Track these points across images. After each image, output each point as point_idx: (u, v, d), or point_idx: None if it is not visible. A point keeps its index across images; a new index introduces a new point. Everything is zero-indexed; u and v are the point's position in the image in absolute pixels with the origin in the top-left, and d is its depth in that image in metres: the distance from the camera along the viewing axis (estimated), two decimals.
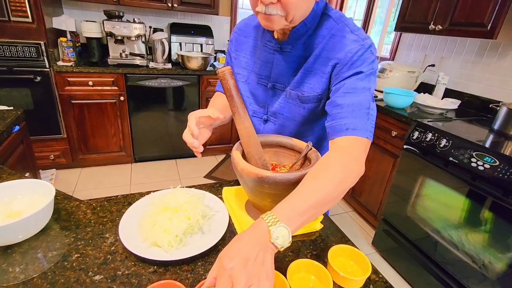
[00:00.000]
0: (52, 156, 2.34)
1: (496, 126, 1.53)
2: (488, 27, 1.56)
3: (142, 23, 2.38)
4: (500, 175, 1.19)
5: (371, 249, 1.93)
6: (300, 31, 0.67)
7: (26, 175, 1.33)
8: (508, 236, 1.19)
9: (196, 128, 0.65)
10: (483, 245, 1.28)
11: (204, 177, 2.60)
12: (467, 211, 1.34)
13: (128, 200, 0.74)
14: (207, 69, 2.56)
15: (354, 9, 3.19)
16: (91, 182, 2.35)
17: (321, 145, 0.84)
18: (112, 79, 2.29)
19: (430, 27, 1.86)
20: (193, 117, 0.67)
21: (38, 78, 2.08)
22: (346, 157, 0.56)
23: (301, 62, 0.70)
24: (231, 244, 0.44)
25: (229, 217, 0.70)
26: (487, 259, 1.27)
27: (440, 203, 1.47)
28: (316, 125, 0.79)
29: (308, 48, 0.69)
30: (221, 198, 0.78)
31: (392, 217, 1.75)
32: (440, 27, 1.80)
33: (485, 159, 1.25)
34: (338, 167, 0.54)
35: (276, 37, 0.72)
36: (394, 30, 2.19)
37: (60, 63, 2.15)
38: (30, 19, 1.95)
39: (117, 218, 0.67)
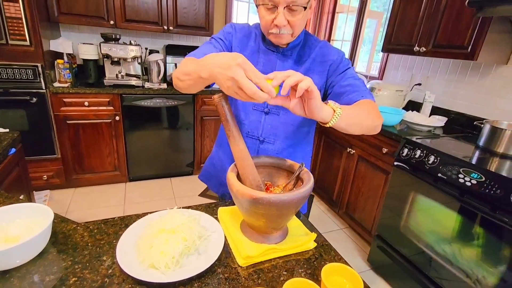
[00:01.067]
0: (45, 176, 2.32)
1: (481, 142, 1.59)
2: (469, 49, 1.65)
3: (138, 45, 2.45)
4: (487, 190, 1.23)
5: (366, 266, 1.93)
6: (295, 43, 0.88)
7: (20, 197, 1.32)
8: (498, 251, 1.22)
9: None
10: (475, 260, 1.30)
11: (199, 195, 2.60)
12: (458, 227, 1.37)
13: (125, 222, 0.75)
14: None
15: (344, 30, 3.33)
16: (85, 202, 2.33)
17: (302, 131, 0.96)
18: (108, 100, 2.32)
19: (414, 48, 1.96)
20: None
21: (34, 99, 2.10)
22: (373, 108, 0.78)
23: (297, 64, 0.89)
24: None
25: (225, 237, 0.71)
26: (480, 274, 1.28)
27: (432, 219, 1.50)
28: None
29: (301, 56, 0.90)
30: (216, 218, 0.79)
31: (386, 233, 1.77)
32: (424, 49, 1.90)
33: (471, 175, 1.30)
34: (371, 113, 0.76)
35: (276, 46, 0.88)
36: (381, 51, 2.29)
37: (56, 84, 2.18)
38: (28, 42, 1.99)
39: (114, 241, 0.68)
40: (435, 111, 2.15)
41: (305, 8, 0.75)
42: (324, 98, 0.90)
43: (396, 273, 1.70)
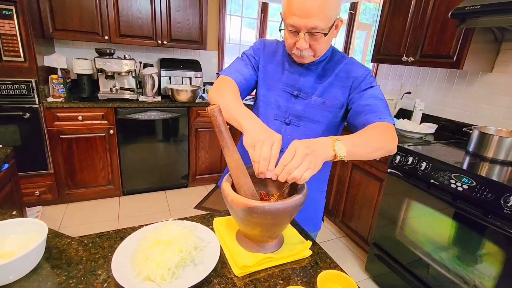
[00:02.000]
0: (37, 192, 2.28)
1: (471, 148, 1.63)
2: (454, 59, 1.71)
3: (132, 59, 2.48)
4: (478, 195, 1.25)
5: (364, 275, 1.92)
6: (320, 59, 0.90)
7: (13, 213, 1.30)
8: (492, 255, 1.23)
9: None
10: (471, 265, 1.31)
11: (194, 207, 2.58)
12: (453, 232, 1.38)
13: (120, 235, 0.75)
14: (196, 101, 2.65)
15: (334, 40, 3.42)
16: (78, 218, 2.29)
17: None
18: (102, 113, 2.32)
19: (403, 58, 2.02)
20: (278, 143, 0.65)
21: (27, 115, 2.09)
22: (390, 131, 0.77)
23: (321, 78, 0.91)
24: (303, 141, 0.61)
25: (221, 247, 0.71)
26: (477, 280, 1.29)
27: (426, 225, 1.51)
28: (336, 131, 0.96)
29: (325, 71, 0.92)
30: (212, 229, 0.79)
31: (383, 241, 1.77)
32: (412, 58, 1.96)
33: (463, 180, 1.32)
34: (386, 132, 0.76)
35: None
36: (371, 62, 2.35)
37: (50, 99, 2.19)
38: (22, 58, 2.00)
39: (109, 254, 0.67)
40: (426, 118, 2.20)
41: (325, 34, 0.77)
42: (346, 112, 0.91)
43: (394, 282, 1.70)
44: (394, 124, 0.81)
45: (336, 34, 0.85)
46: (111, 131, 2.38)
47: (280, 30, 0.83)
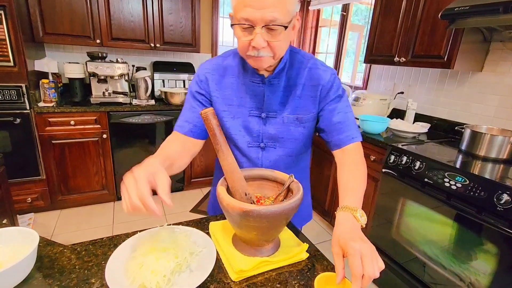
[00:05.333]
0: (29, 199, 2.24)
1: (463, 147, 1.64)
2: (445, 59, 1.73)
3: (125, 62, 2.46)
4: (471, 193, 1.27)
5: None
6: (280, 67, 0.81)
7: (4, 221, 1.28)
8: (487, 253, 1.24)
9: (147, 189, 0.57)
10: (467, 262, 1.32)
11: (190, 211, 2.56)
12: (448, 230, 1.40)
13: (114, 242, 0.74)
14: None
15: (327, 42, 3.44)
16: (71, 224, 2.25)
17: (301, 157, 0.96)
18: (95, 118, 2.29)
19: (395, 59, 2.04)
20: (144, 179, 0.58)
21: (18, 120, 2.06)
22: (361, 157, 0.82)
23: (287, 92, 0.83)
24: (343, 230, 0.63)
25: (217, 252, 0.70)
26: (473, 277, 1.30)
27: (422, 224, 1.52)
28: (310, 141, 0.93)
29: (290, 78, 0.83)
30: (208, 233, 0.78)
31: (379, 240, 1.78)
32: (403, 59, 1.98)
33: (456, 179, 1.34)
34: (361, 166, 0.80)
35: (261, 73, 0.81)
36: (364, 63, 2.37)
37: (41, 104, 2.15)
38: (12, 63, 1.97)
39: (103, 262, 0.66)
40: (418, 118, 2.22)
41: (286, 27, 0.68)
42: (316, 123, 0.88)
43: (391, 281, 1.70)
44: (361, 141, 0.85)
45: (294, 36, 0.76)
46: (104, 136, 2.35)
47: (232, 25, 0.71)
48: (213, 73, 0.85)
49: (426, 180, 1.47)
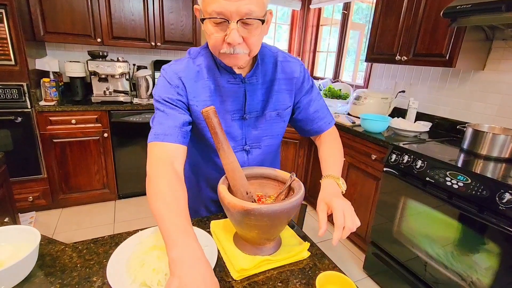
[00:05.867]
0: (31, 197, 2.25)
1: (465, 146, 1.64)
2: (447, 57, 1.73)
3: (126, 61, 2.46)
4: (473, 192, 1.26)
5: (363, 274, 1.92)
6: (257, 63, 0.79)
7: (5, 220, 1.28)
8: (489, 252, 1.24)
9: None
10: (468, 262, 1.32)
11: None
12: (449, 229, 1.39)
13: (115, 240, 0.74)
14: None
15: (328, 41, 3.43)
16: (72, 223, 2.26)
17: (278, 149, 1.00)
18: (96, 117, 2.30)
19: (396, 58, 2.03)
20: None
21: (19, 119, 2.06)
22: (337, 137, 0.94)
23: (266, 88, 0.82)
24: (328, 192, 0.73)
25: (218, 251, 0.70)
26: (474, 276, 1.30)
27: (423, 223, 1.52)
28: (283, 131, 0.94)
29: (265, 74, 0.82)
30: (209, 232, 0.78)
31: (380, 239, 1.78)
32: (405, 57, 1.97)
33: (458, 178, 1.33)
34: (338, 144, 0.92)
35: (238, 73, 0.77)
36: (365, 61, 2.36)
37: (42, 103, 2.15)
38: (13, 62, 1.97)
39: (104, 260, 0.66)
40: (420, 116, 2.22)
41: (262, 22, 0.64)
42: (292, 114, 0.91)
43: (393, 280, 1.70)
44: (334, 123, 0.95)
45: (267, 31, 0.71)
46: (105, 134, 2.36)
47: (202, 20, 0.64)
48: (186, 77, 0.75)
49: (427, 179, 1.46)
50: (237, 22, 0.61)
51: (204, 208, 0.97)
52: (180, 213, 0.57)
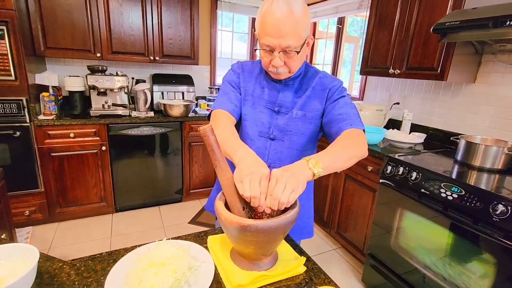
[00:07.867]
0: (27, 211, 2.24)
1: (459, 157, 1.66)
2: (438, 71, 1.77)
3: (124, 75, 2.49)
4: (467, 203, 1.28)
5: (361, 286, 1.91)
6: (295, 75, 0.97)
7: (2, 236, 1.27)
8: (485, 263, 1.25)
9: None
10: (465, 273, 1.32)
11: (188, 223, 2.55)
12: (446, 241, 1.40)
13: (113, 257, 0.74)
14: (189, 115, 2.66)
15: (324, 53, 3.50)
16: (69, 237, 2.24)
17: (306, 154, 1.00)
18: (94, 130, 2.31)
19: (390, 71, 2.08)
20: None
21: (18, 133, 2.07)
22: (356, 138, 0.83)
23: (299, 93, 0.97)
24: (284, 168, 0.65)
25: (215, 266, 0.71)
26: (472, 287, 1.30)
27: (420, 234, 1.52)
28: (316, 140, 1.03)
29: (302, 85, 0.98)
30: (206, 247, 0.79)
31: (378, 251, 1.78)
32: (398, 71, 2.02)
33: (452, 189, 1.35)
34: (351, 142, 0.81)
35: None
36: (360, 74, 2.41)
37: (41, 117, 2.17)
38: (13, 77, 2.00)
39: (102, 278, 0.67)
40: (415, 128, 2.25)
41: (298, 52, 0.83)
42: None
43: None
44: (364, 130, 0.88)
45: (308, 51, 0.92)
46: (104, 148, 2.37)
47: (255, 50, 0.91)
48: (245, 68, 1.03)
49: (422, 190, 1.48)
50: (279, 52, 0.83)
51: None
52: (237, 138, 0.82)
